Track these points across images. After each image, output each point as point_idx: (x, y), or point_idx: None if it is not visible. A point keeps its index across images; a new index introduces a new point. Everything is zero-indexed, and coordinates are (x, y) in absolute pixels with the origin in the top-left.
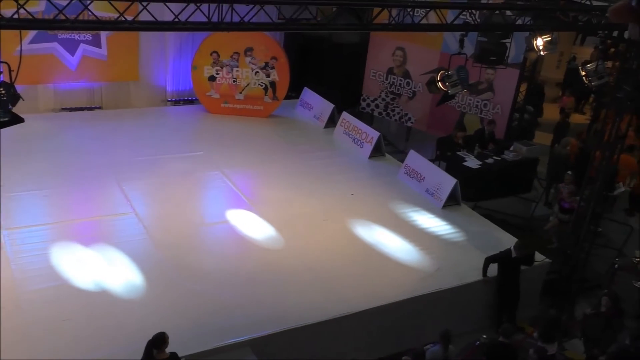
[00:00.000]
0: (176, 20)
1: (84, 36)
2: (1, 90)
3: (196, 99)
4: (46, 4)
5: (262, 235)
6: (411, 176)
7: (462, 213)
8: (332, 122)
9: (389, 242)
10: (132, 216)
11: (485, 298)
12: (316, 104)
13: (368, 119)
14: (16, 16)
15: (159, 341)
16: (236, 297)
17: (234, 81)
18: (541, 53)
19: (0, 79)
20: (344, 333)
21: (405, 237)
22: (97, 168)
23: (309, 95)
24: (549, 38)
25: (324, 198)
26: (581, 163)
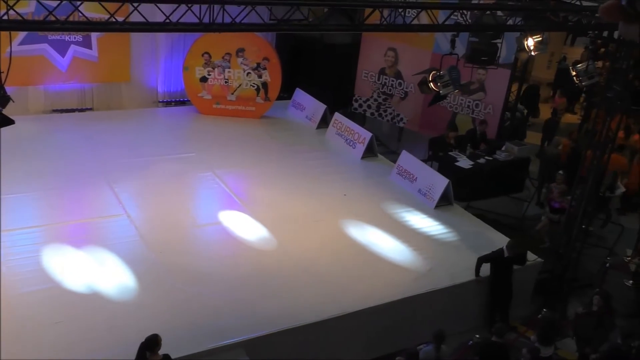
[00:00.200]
0: (167, 21)
1: (75, 37)
2: None
3: (188, 100)
4: (36, 5)
5: (255, 236)
6: (403, 176)
7: (455, 213)
8: (325, 123)
9: (382, 243)
10: (124, 218)
11: (478, 298)
12: (308, 105)
13: (360, 120)
14: (6, 17)
15: (152, 343)
16: (229, 299)
17: (226, 82)
18: (532, 53)
19: None
20: (338, 334)
21: (398, 238)
22: (89, 170)
23: (301, 96)
24: (540, 38)
25: (317, 199)
26: (573, 163)
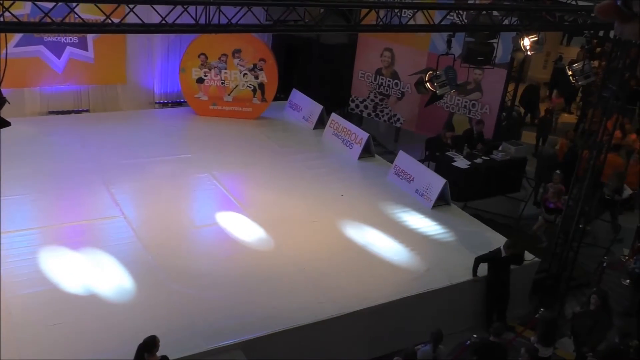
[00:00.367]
0: (163, 22)
1: (71, 39)
2: None
3: (184, 101)
4: (32, 7)
5: (252, 237)
6: (401, 177)
7: (452, 213)
8: (321, 124)
9: (379, 243)
10: (121, 219)
11: (475, 298)
12: (305, 106)
13: (357, 120)
14: (1, 19)
15: (150, 345)
16: (227, 300)
17: (223, 83)
18: (528, 53)
19: None
20: (335, 334)
21: (395, 238)
22: (85, 171)
23: (298, 96)
24: (536, 38)
25: (314, 199)
26: (570, 162)
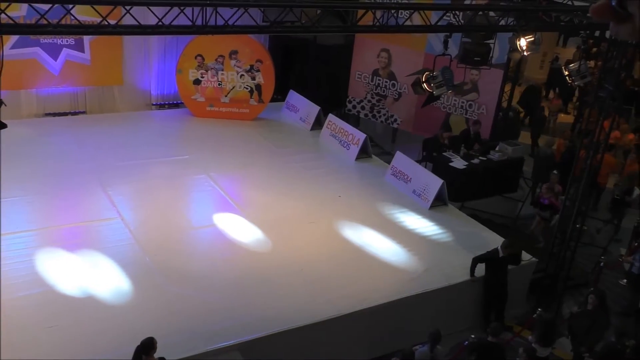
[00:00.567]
0: (160, 23)
1: (67, 40)
2: None
3: (181, 103)
4: (28, 9)
5: (250, 238)
6: (398, 177)
7: (449, 213)
8: (319, 125)
9: (377, 244)
10: (118, 221)
11: (473, 298)
12: (302, 107)
13: (354, 121)
14: None
15: (148, 346)
16: (224, 301)
17: (219, 84)
18: (525, 53)
19: None
20: (333, 335)
21: (393, 238)
22: (82, 173)
23: (295, 97)
24: (532, 38)
25: (311, 200)
26: (567, 162)
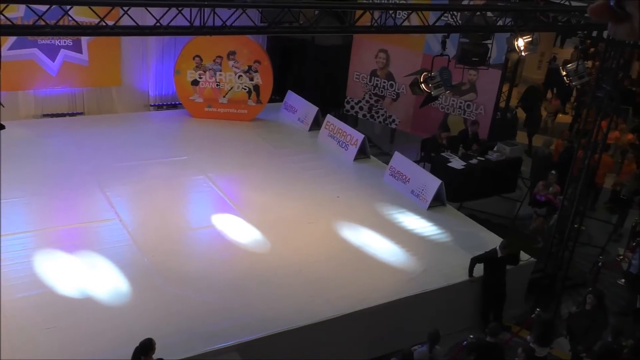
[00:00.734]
0: (158, 24)
1: (65, 41)
2: None
3: (179, 104)
4: (25, 10)
5: (248, 239)
6: (396, 178)
7: (448, 214)
8: (317, 125)
9: (376, 244)
10: (117, 222)
11: (471, 298)
12: (300, 107)
13: (352, 121)
14: None
15: (146, 347)
16: (223, 302)
17: (218, 85)
18: (522, 54)
19: None
20: (332, 336)
21: (391, 239)
22: (80, 174)
23: (293, 98)
24: (530, 39)
25: (310, 201)
26: (566, 162)
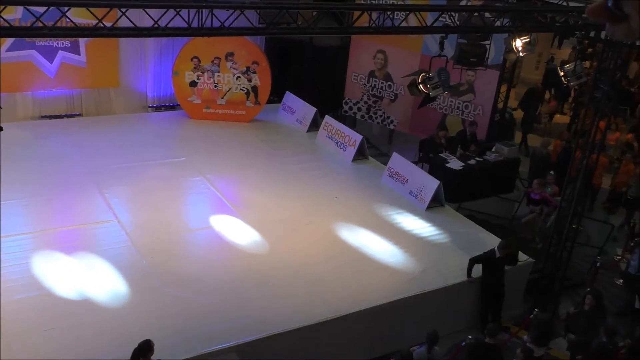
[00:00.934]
0: (156, 26)
1: (63, 43)
2: None
3: (178, 105)
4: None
5: (247, 240)
6: (395, 178)
7: (446, 214)
8: (315, 126)
9: (374, 245)
10: (115, 223)
11: (470, 299)
12: (298, 108)
13: (351, 122)
14: None
15: (145, 349)
16: (221, 303)
17: (216, 86)
18: (520, 54)
19: None
20: (331, 337)
21: (390, 240)
22: (78, 176)
23: (291, 99)
24: (528, 39)
25: (308, 202)
26: (564, 163)
